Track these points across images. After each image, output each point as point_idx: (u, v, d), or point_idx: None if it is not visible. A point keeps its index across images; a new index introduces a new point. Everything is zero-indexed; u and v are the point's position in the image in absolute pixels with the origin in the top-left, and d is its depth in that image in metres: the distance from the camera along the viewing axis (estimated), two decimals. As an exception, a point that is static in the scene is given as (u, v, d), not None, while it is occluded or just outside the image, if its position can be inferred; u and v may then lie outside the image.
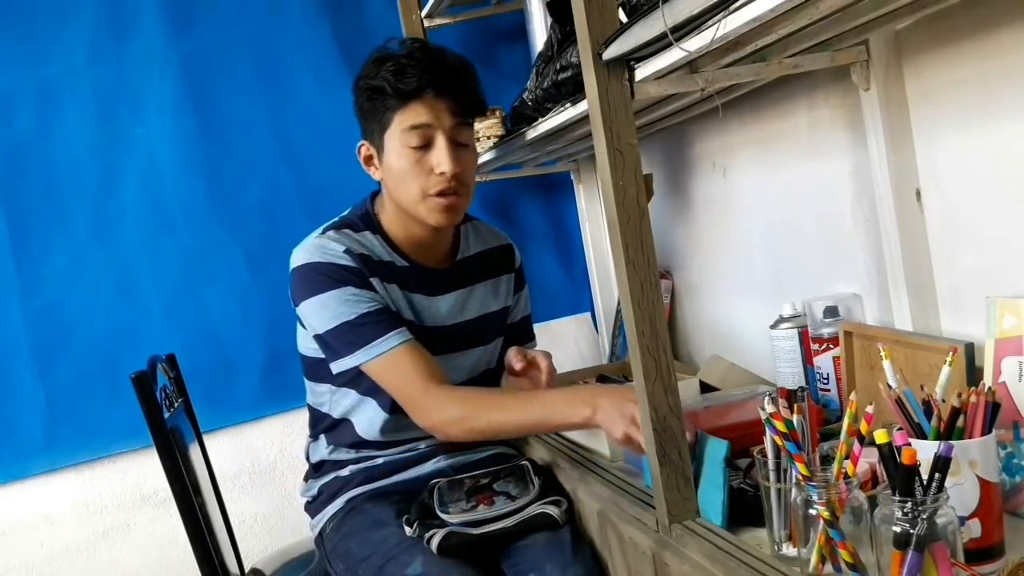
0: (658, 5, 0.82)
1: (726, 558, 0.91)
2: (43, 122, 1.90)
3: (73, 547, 1.95)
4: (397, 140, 1.25)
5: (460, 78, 1.27)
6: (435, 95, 1.24)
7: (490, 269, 1.45)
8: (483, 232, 1.49)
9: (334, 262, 1.25)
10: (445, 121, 1.25)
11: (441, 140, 1.24)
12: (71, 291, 1.92)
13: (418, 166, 1.25)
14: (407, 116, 1.24)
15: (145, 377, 1.24)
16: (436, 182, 1.25)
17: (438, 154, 1.24)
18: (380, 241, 1.33)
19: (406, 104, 1.23)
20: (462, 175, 1.27)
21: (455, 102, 1.26)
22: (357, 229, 1.32)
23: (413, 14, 2.00)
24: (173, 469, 1.25)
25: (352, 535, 1.28)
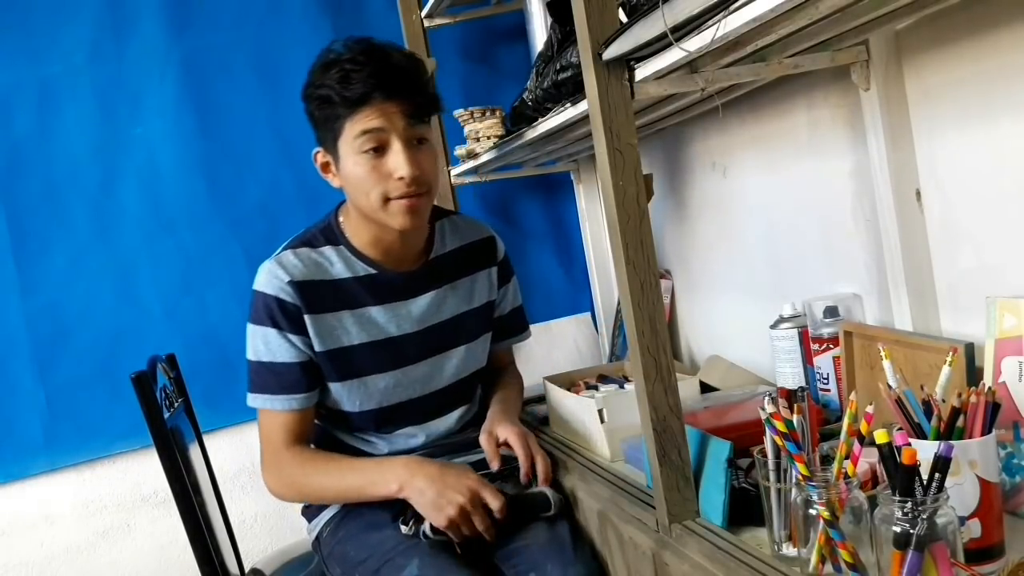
0: (658, 5, 0.82)
1: (726, 558, 0.91)
2: (43, 122, 1.90)
3: (73, 547, 1.95)
4: (351, 147, 1.21)
5: (409, 78, 1.21)
6: (384, 98, 1.19)
7: (468, 264, 1.42)
8: (461, 227, 1.44)
9: (276, 296, 1.25)
10: (398, 123, 1.20)
11: (397, 144, 1.20)
12: (71, 291, 1.92)
13: (375, 172, 1.21)
14: (357, 122, 1.19)
15: (145, 377, 1.24)
16: (396, 187, 1.21)
17: (395, 158, 1.20)
18: (342, 255, 1.30)
19: (355, 111, 1.19)
20: (422, 176, 1.22)
21: (407, 103, 1.20)
22: (316, 244, 1.30)
23: (413, 14, 2.00)
24: (173, 469, 1.25)
25: (348, 538, 1.28)
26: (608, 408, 1.34)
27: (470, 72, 2.17)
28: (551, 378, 1.59)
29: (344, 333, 1.29)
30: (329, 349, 1.29)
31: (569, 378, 1.62)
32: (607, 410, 1.34)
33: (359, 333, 1.30)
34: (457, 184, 2.07)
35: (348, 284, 1.30)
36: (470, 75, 2.17)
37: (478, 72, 2.18)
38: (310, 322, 1.26)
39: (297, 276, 1.26)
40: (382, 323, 1.32)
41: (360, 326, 1.30)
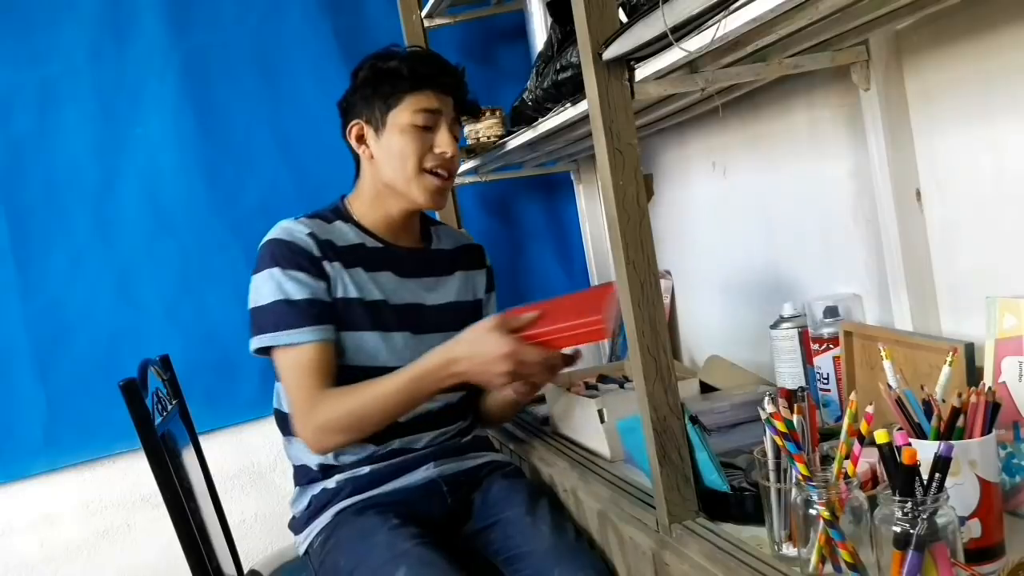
0: (658, 5, 0.82)
1: (726, 558, 0.91)
2: (43, 122, 1.90)
3: (73, 547, 1.95)
4: (405, 119, 1.34)
5: (462, 82, 1.42)
6: (444, 87, 1.37)
7: (462, 262, 1.50)
8: (452, 233, 1.56)
9: (295, 241, 1.31)
10: (449, 112, 1.38)
11: (444, 126, 1.36)
12: (71, 291, 1.92)
13: (420, 142, 1.34)
14: (419, 100, 1.34)
15: (134, 385, 1.22)
16: (435, 159, 1.35)
17: (442, 137, 1.35)
18: (352, 229, 1.38)
19: (419, 89, 1.34)
20: (455, 160, 1.39)
21: (459, 98, 1.40)
22: (328, 220, 1.38)
23: (413, 14, 2.00)
24: (164, 477, 1.24)
25: (338, 548, 1.26)
26: (608, 408, 1.34)
27: (470, 72, 2.15)
28: (551, 378, 1.59)
29: (362, 286, 1.34)
30: (344, 297, 1.32)
31: (569, 378, 1.62)
32: (607, 410, 1.34)
33: (373, 290, 1.35)
34: (457, 184, 2.06)
35: (361, 250, 1.37)
36: (470, 75, 2.16)
37: (478, 72, 2.17)
38: (329, 268, 1.31)
39: (317, 233, 1.33)
40: (392, 287, 1.38)
41: (375, 284, 1.36)
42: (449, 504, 1.33)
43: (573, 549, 1.20)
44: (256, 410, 2.01)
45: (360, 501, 1.31)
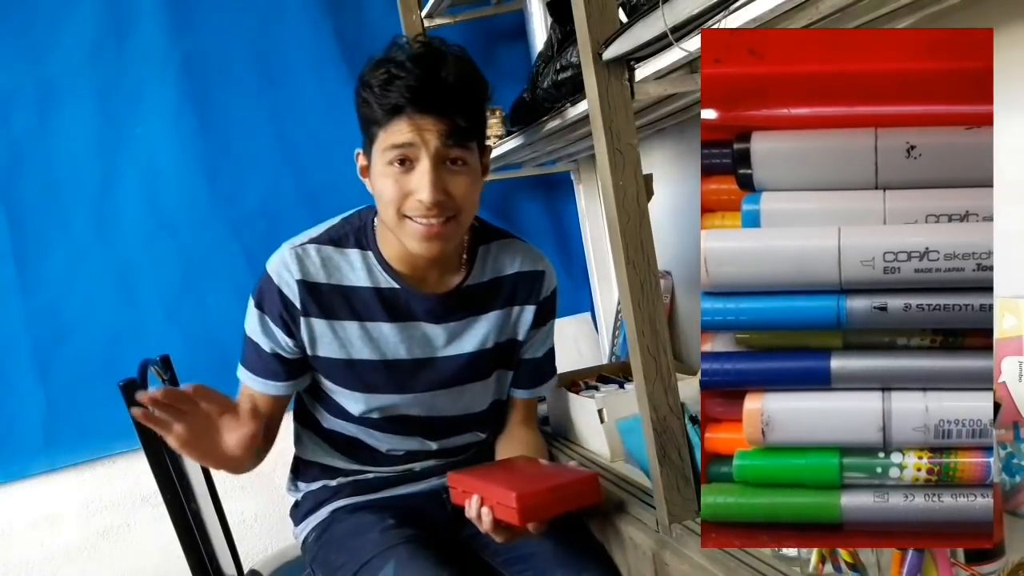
0: (658, 5, 0.82)
1: (726, 558, 0.91)
2: (43, 122, 1.90)
3: (73, 547, 1.95)
4: (380, 156, 1.11)
5: (452, 95, 1.09)
6: (419, 112, 1.08)
7: (504, 298, 1.27)
8: (513, 253, 1.29)
9: (280, 289, 1.19)
10: (430, 141, 1.08)
11: (424, 162, 1.09)
12: (71, 291, 1.91)
13: (397, 186, 1.10)
14: (390, 134, 1.09)
15: (134, 385, 1.23)
16: (414, 207, 1.10)
17: (418, 178, 1.09)
18: (367, 262, 1.21)
19: (390, 120, 1.09)
20: (447, 201, 1.11)
21: (444, 121, 1.08)
22: (344, 245, 1.22)
23: (413, 14, 2.00)
24: (164, 477, 1.24)
25: (331, 543, 1.26)
26: (608, 408, 1.34)
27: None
28: (551, 378, 1.59)
29: (348, 344, 1.22)
30: (328, 356, 1.22)
31: (569, 378, 1.62)
32: (607, 410, 1.34)
33: (363, 348, 1.22)
34: (457, 184, 2.07)
35: (364, 294, 1.21)
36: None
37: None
38: (306, 326, 1.20)
39: (310, 277, 1.19)
40: (392, 343, 1.23)
41: (366, 340, 1.22)
42: (450, 511, 1.32)
43: (577, 550, 1.19)
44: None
45: (358, 502, 1.31)
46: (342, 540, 1.25)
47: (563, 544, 1.19)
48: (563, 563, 1.16)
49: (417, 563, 1.15)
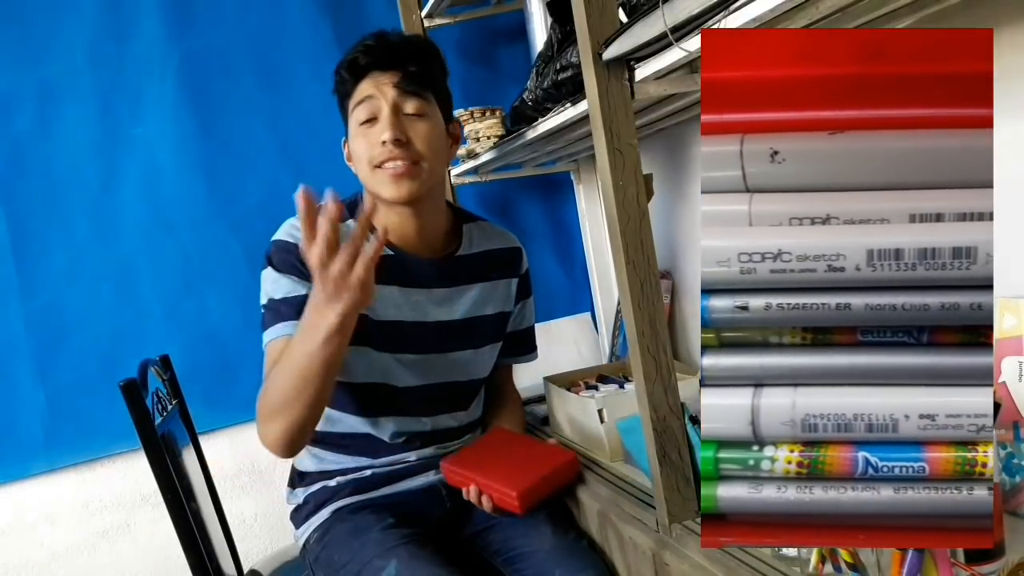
0: (658, 5, 0.82)
1: (726, 558, 0.91)
2: (43, 122, 1.90)
3: (73, 547, 1.95)
4: (353, 124, 1.26)
5: (402, 50, 1.26)
6: (379, 70, 1.25)
7: (493, 270, 1.39)
8: (490, 233, 1.43)
9: (297, 244, 1.19)
10: (388, 92, 1.23)
11: (384, 110, 1.23)
12: (71, 291, 1.91)
13: (365, 140, 1.24)
14: (356, 95, 1.25)
15: (134, 385, 1.22)
16: (380, 152, 1.23)
17: (380, 124, 1.23)
18: None
19: (356, 84, 1.26)
20: (412, 144, 1.23)
21: (398, 73, 1.24)
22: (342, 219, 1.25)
23: (413, 14, 2.01)
24: (165, 477, 1.24)
25: (333, 544, 1.26)
26: (608, 408, 1.34)
27: (470, 72, 2.17)
28: (551, 378, 1.59)
29: None
30: None
31: (569, 378, 1.62)
32: (607, 410, 1.34)
33: (371, 308, 1.26)
34: (457, 184, 2.07)
35: None
36: (470, 75, 2.17)
37: (478, 72, 2.18)
38: None
39: None
40: (394, 303, 1.29)
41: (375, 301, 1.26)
42: (448, 508, 1.33)
43: (574, 549, 1.20)
44: (256, 410, 2.01)
45: (358, 501, 1.31)
46: (343, 540, 1.25)
47: (561, 543, 1.20)
48: (561, 562, 1.17)
49: (418, 562, 1.15)
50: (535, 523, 1.25)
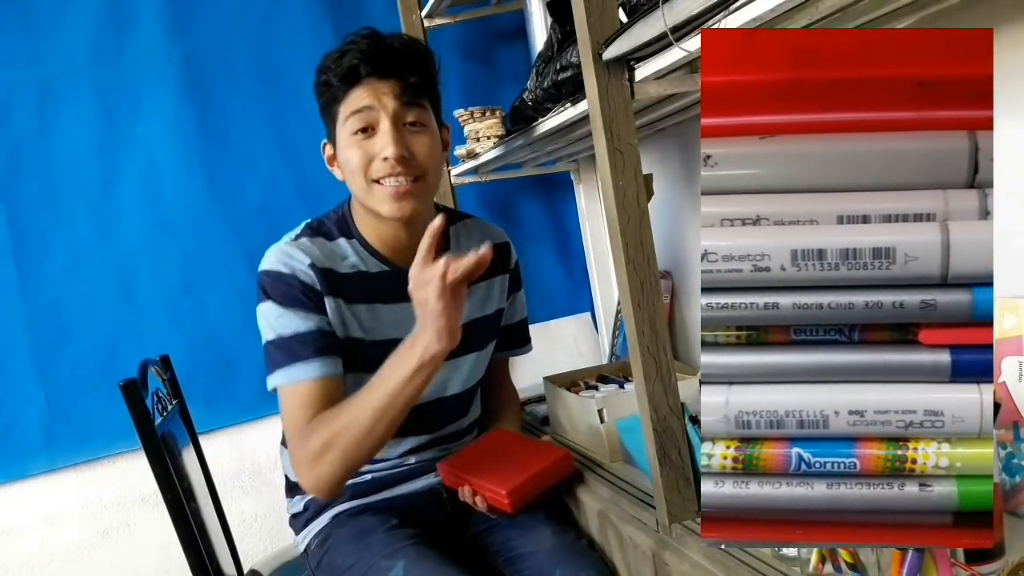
0: (658, 5, 0.82)
1: (726, 558, 0.91)
2: (43, 122, 1.90)
3: (73, 547, 1.95)
4: (344, 130, 1.18)
5: (402, 58, 1.19)
6: (377, 78, 1.16)
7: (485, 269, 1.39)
8: (477, 230, 1.39)
9: (296, 276, 1.18)
10: (388, 103, 1.16)
11: (385, 123, 1.16)
12: (71, 291, 1.91)
13: (362, 152, 1.17)
14: (350, 102, 1.17)
15: (134, 385, 1.22)
16: (380, 168, 1.17)
17: (381, 138, 1.16)
18: (355, 248, 1.25)
19: (349, 90, 1.17)
20: (413, 159, 1.18)
21: (398, 82, 1.17)
22: (331, 237, 1.25)
23: (413, 14, 2.00)
24: (165, 477, 1.24)
25: (336, 547, 1.26)
26: (608, 408, 1.34)
27: (470, 72, 2.17)
28: (551, 378, 1.59)
29: (356, 326, 1.23)
30: (352, 337, 1.22)
31: (569, 378, 1.62)
32: (607, 410, 1.34)
33: (369, 329, 1.24)
34: (457, 184, 2.07)
35: (363, 279, 1.24)
36: (470, 75, 2.17)
37: (478, 72, 2.18)
38: (331, 306, 1.20)
39: (319, 262, 1.20)
40: (390, 323, 1.25)
41: (372, 321, 1.24)
42: (449, 510, 1.33)
43: (574, 549, 1.20)
44: (256, 410, 2.02)
45: (359, 505, 1.31)
46: (347, 543, 1.25)
47: (562, 544, 1.20)
48: (561, 562, 1.17)
49: (426, 562, 1.15)
50: (535, 523, 1.24)
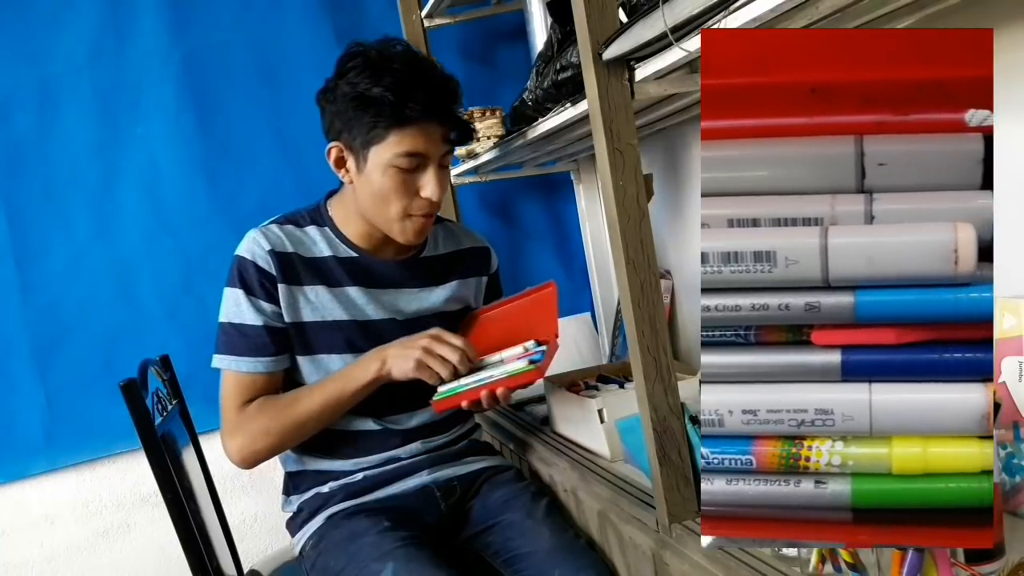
0: (658, 5, 0.82)
1: (726, 558, 0.91)
2: (43, 122, 1.90)
3: (73, 547, 1.95)
4: (386, 159, 1.21)
5: (454, 102, 1.25)
6: (433, 120, 1.21)
7: (460, 268, 1.41)
8: (457, 233, 1.46)
9: (254, 262, 1.28)
10: (438, 148, 1.24)
11: (432, 166, 1.23)
12: (71, 291, 1.92)
13: (404, 187, 1.23)
14: (404, 140, 1.20)
15: (134, 385, 1.22)
16: (420, 205, 1.25)
17: (427, 180, 1.23)
18: (325, 235, 1.32)
19: (404, 127, 1.19)
20: (439, 203, 1.29)
21: (449, 128, 1.24)
22: (300, 224, 1.33)
23: (413, 14, 2.00)
24: (164, 477, 1.24)
25: (329, 550, 1.26)
26: (608, 408, 1.34)
27: (470, 72, 2.17)
28: (551, 378, 1.59)
29: (322, 308, 1.30)
30: (300, 321, 1.29)
31: (569, 378, 1.62)
32: (607, 410, 1.34)
33: (335, 309, 1.30)
34: (457, 184, 2.07)
35: (328, 263, 1.31)
36: (470, 75, 2.17)
37: (478, 72, 2.18)
38: (283, 292, 1.27)
39: (278, 247, 1.29)
40: (360, 304, 1.32)
41: (337, 303, 1.30)
42: (443, 510, 1.33)
43: (574, 549, 1.20)
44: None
45: (353, 506, 1.31)
46: (339, 545, 1.24)
47: (561, 544, 1.20)
48: (561, 562, 1.17)
49: (415, 564, 1.15)
50: (534, 523, 1.24)
